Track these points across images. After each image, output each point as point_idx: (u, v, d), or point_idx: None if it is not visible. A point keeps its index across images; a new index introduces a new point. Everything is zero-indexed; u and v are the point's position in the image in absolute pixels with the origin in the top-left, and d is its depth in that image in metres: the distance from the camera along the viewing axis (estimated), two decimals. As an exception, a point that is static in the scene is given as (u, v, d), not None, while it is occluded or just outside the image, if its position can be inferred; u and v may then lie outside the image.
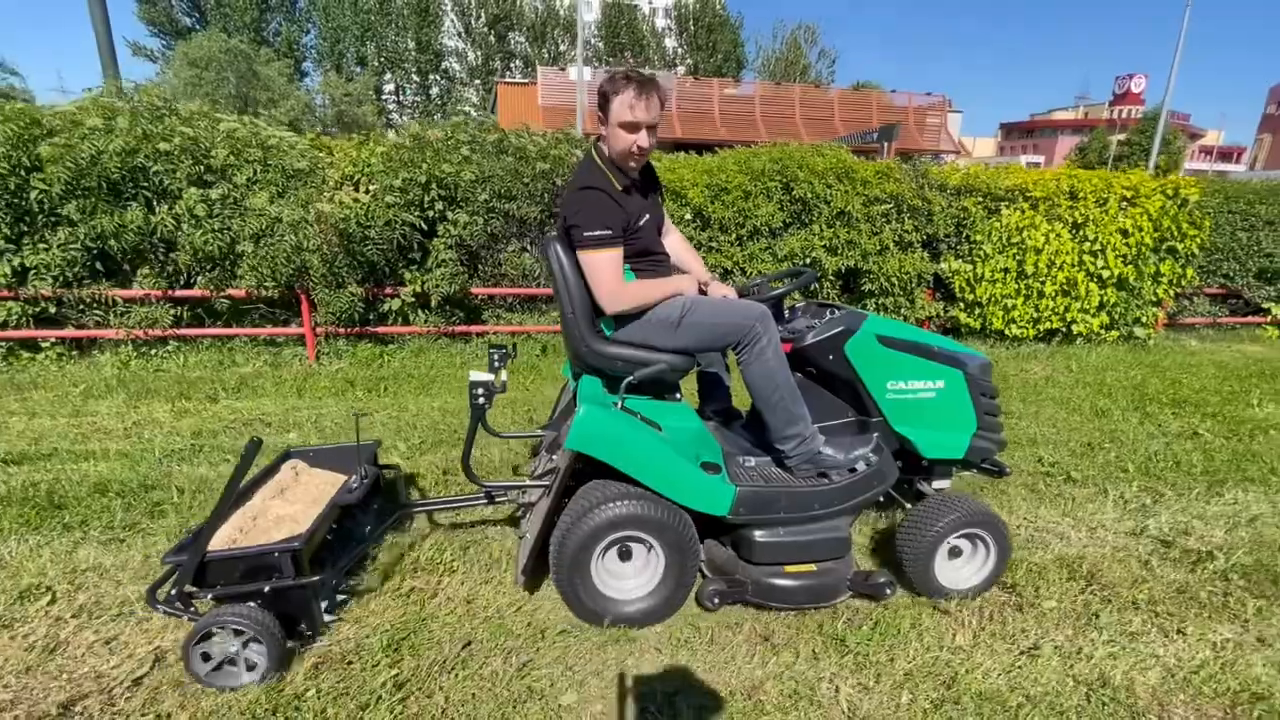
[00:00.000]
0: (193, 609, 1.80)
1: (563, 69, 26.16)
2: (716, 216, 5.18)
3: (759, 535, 2.08)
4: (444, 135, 4.97)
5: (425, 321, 5.15)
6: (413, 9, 45.68)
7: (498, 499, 2.38)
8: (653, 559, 2.05)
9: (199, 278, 4.73)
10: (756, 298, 2.27)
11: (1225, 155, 65.23)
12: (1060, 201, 5.83)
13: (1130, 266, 5.99)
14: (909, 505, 2.41)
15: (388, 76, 46.00)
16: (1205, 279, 6.55)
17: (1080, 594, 2.30)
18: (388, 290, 5.04)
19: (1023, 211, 5.70)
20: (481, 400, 2.08)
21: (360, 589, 2.19)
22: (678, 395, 2.27)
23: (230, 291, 4.78)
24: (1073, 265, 5.92)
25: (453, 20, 48.18)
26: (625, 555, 2.07)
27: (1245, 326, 6.99)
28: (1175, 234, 6.02)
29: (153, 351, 4.84)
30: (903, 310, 5.66)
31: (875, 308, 5.58)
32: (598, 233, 1.90)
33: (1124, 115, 51.96)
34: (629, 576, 2.08)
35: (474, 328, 5.36)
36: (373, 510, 2.46)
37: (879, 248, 5.37)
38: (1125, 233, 5.92)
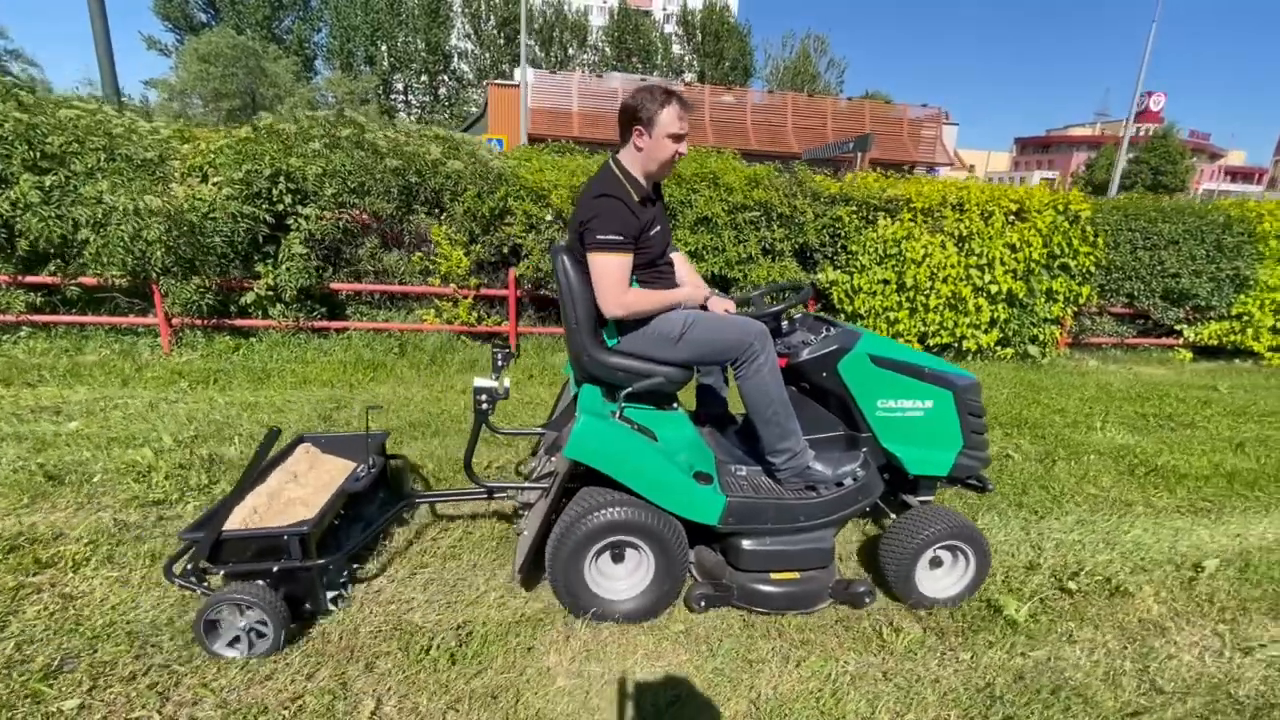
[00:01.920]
0: (205, 584, 1.93)
1: (553, 71, 26.22)
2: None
3: (747, 543, 2.17)
4: (298, 128, 4.97)
5: (281, 316, 5.14)
6: (423, 10, 46.22)
7: (497, 495, 2.47)
8: (644, 562, 2.14)
9: (50, 264, 4.77)
10: (755, 314, 2.36)
11: (1247, 176, 63.83)
12: (945, 214, 5.70)
13: (1020, 282, 5.84)
14: (894, 516, 2.49)
15: (397, 76, 46.60)
16: (1108, 298, 6.36)
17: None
18: (244, 283, 5.05)
19: (900, 222, 5.57)
20: (485, 406, 2.16)
21: (363, 575, 2.31)
22: (675, 404, 2.37)
23: (83, 280, 4.81)
24: (959, 279, 5.78)
25: (462, 22, 48.72)
26: (618, 558, 2.17)
27: (1159, 348, 6.78)
28: (1067, 250, 5.85)
29: (4, 336, 4.88)
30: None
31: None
32: (610, 236, 1.97)
33: (1142, 133, 51.11)
34: (621, 578, 2.17)
35: (334, 324, 5.34)
36: (379, 499, 2.62)
37: (744, 256, 5.28)
38: (1013, 247, 5.77)
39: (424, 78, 48.40)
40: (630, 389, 2.13)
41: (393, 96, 47.52)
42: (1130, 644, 2.19)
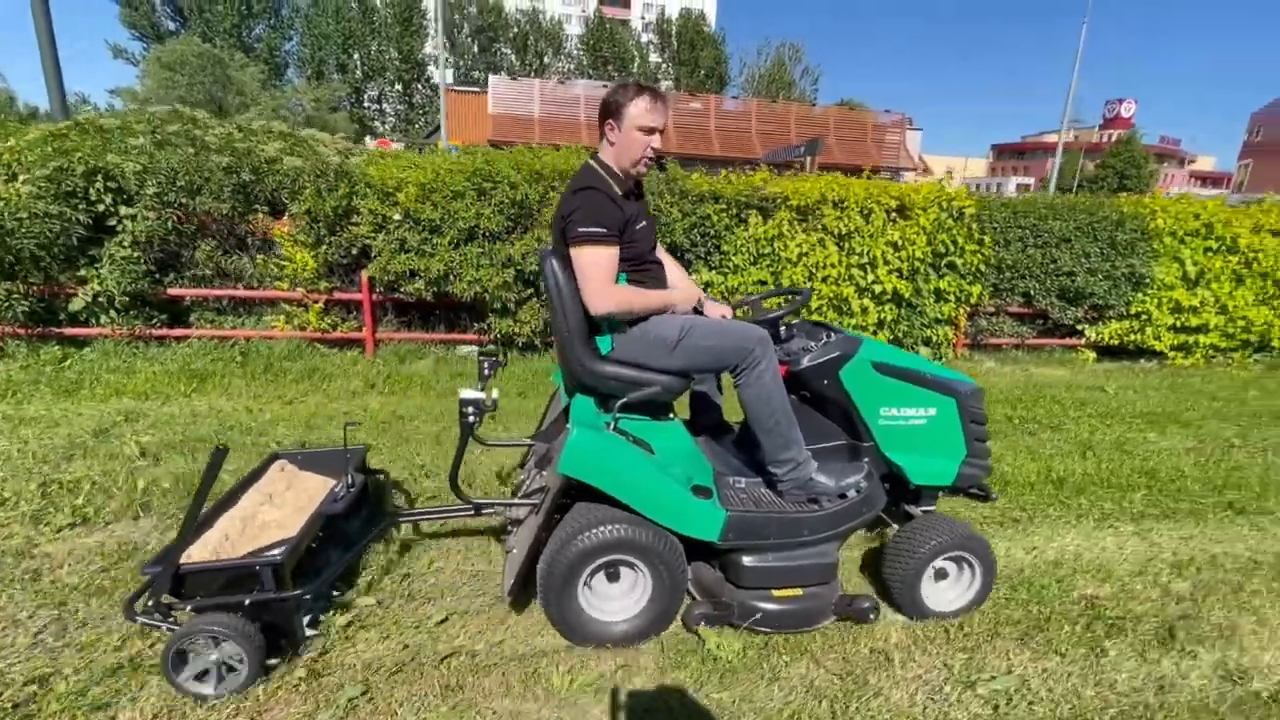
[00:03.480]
0: (172, 619, 1.80)
1: (515, 78, 26.05)
2: (426, 218, 4.87)
3: (748, 559, 2.08)
4: (120, 123, 4.69)
5: (113, 323, 4.83)
6: (396, 18, 46.04)
7: (485, 512, 2.35)
8: (640, 581, 2.05)
9: None
10: (755, 319, 2.29)
11: (1216, 180, 64.81)
12: (825, 211, 5.49)
13: (905, 282, 5.64)
14: (896, 527, 2.43)
15: (371, 85, 46.30)
16: (1004, 297, 6.17)
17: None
18: (68, 289, 4.74)
19: (774, 221, 5.36)
20: (472, 419, 2.04)
21: (344, 601, 2.16)
22: (671, 414, 2.27)
23: (-110, 284, 4.49)
24: (841, 279, 5.57)
25: (436, 30, 48.56)
26: (613, 577, 2.08)
27: (1063, 349, 6.61)
28: (953, 249, 5.66)
29: None
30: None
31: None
32: (593, 229, 1.90)
33: (1109, 139, 51.71)
34: (616, 598, 2.08)
35: (175, 331, 5.04)
36: (361, 517, 2.50)
37: (605, 255, 5.02)
38: (896, 246, 5.58)
39: (398, 86, 48.18)
40: (626, 399, 2.03)
41: (365, 105, 47.26)
42: (842, 680, 1.95)
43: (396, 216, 4.90)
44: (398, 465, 3.32)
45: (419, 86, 48.44)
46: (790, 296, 2.48)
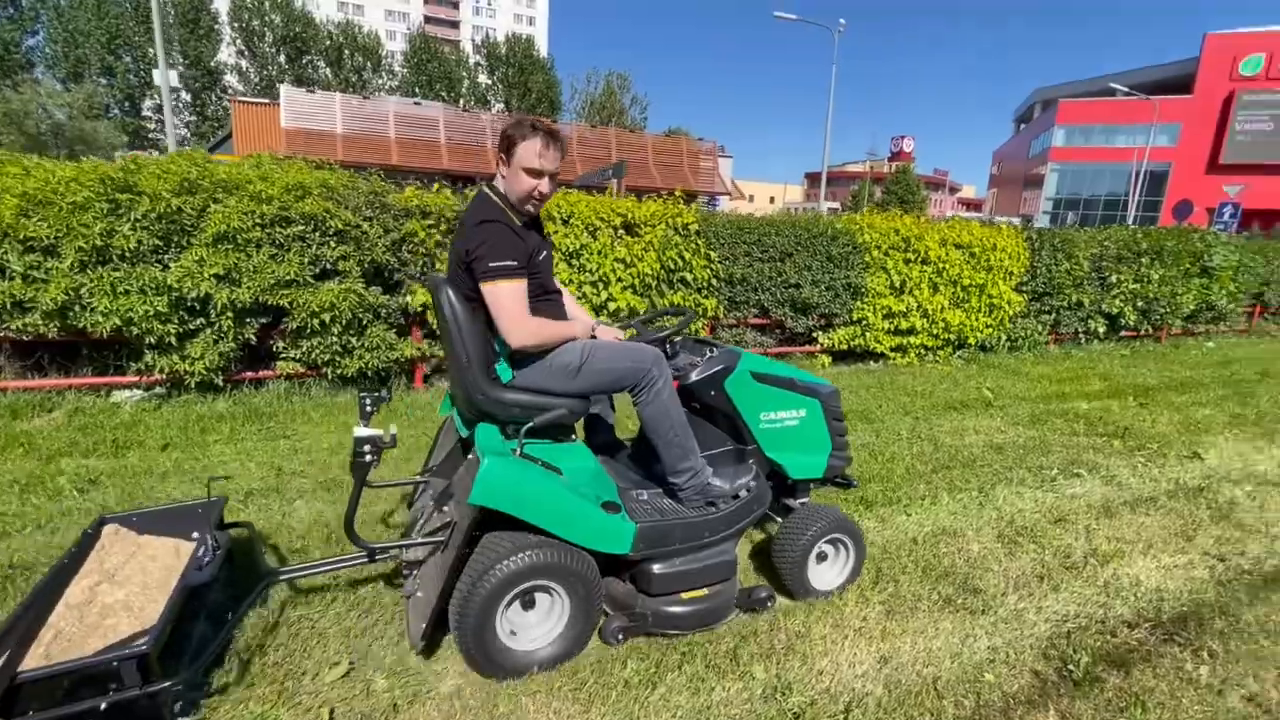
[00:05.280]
0: None
1: (311, 91, 23.98)
2: (38, 237, 3.91)
3: (658, 567, 2.16)
4: None
5: None
6: (180, 20, 40.77)
7: (380, 557, 2.16)
8: (557, 606, 2.04)
9: None
10: (645, 339, 2.40)
11: (976, 205, 77.50)
12: (549, 228, 5.32)
13: (639, 298, 5.64)
14: (779, 520, 2.60)
15: (150, 91, 40.32)
16: (742, 310, 6.45)
17: None
18: None
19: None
20: (369, 459, 1.94)
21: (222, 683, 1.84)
22: (573, 436, 2.32)
23: None
24: (574, 297, 5.41)
25: (233, 37, 43.74)
26: (528, 605, 2.04)
27: (806, 355, 7.06)
28: (682, 264, 5.78)
29: None
30: (357, 353, 4.74)
31: (308, 350, 4.60)
32: (504, 263, 1.91)
33: (893, 169, 59.48)
34: (534, 625, 2.05)
35: None
36: (222, 580, 2.19)
37: (287, 278, 4.40)
38: (626, 263, 5.56)
39: (186, 95, 42.56)
40: (532, 424, 2.05)
41: (145, 115, 41.13)
42: None
43: (-10, 235, 3.89)
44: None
45: (213, 96, 43.20)
46: (675, 316, 2.68)
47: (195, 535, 2.14)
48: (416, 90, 45.88)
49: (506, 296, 1.93)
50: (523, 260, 1.96)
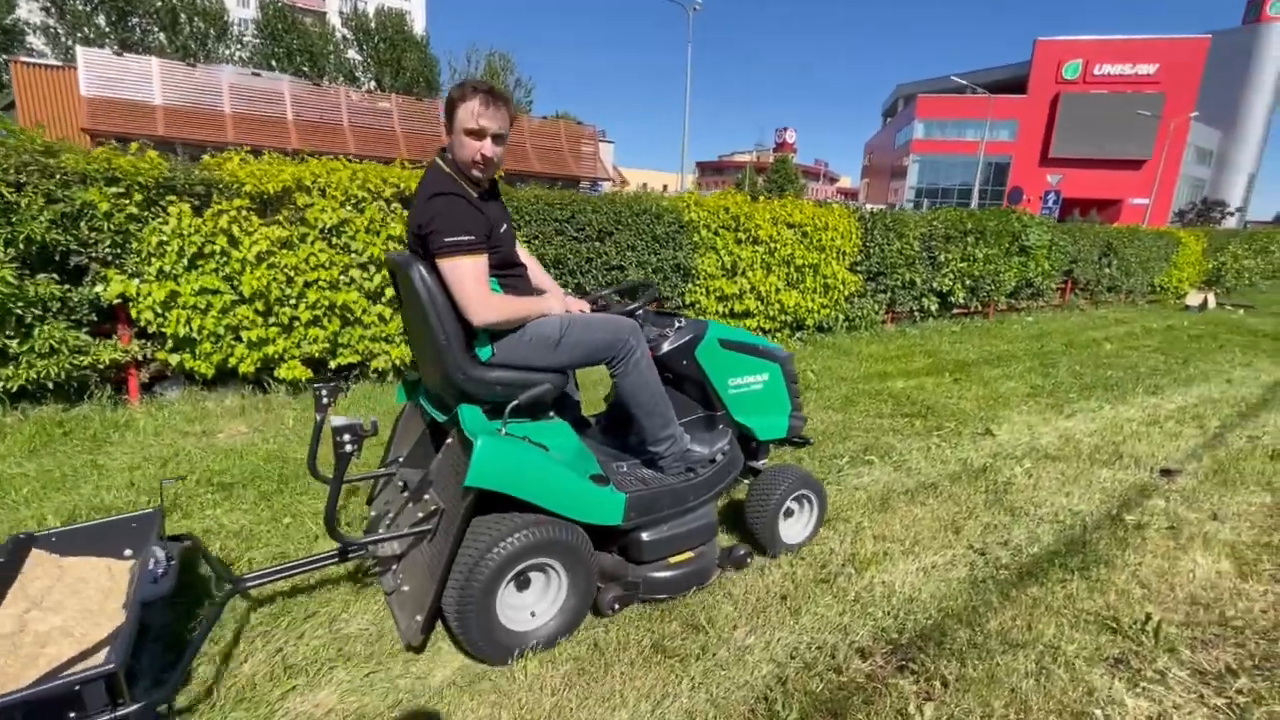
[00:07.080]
0: None
1: (121, 54, 20.70)
2: None
3: (646, 535, 2.19)
4: None
5: None
6: (-42, -34, 34.21)
7: (353, 555, 2.11)
8: (554, 582, 2.04)
9: None
10: (616, 311, 2.39)
11: (852, 194, 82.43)
12: (301, 200, 4.42)
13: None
14: (748, 480, 2.73)
15: (-77, 52, 33.46)
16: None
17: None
18: None
19: (210, 213, 4.10)
20: (350, 447, 1.80)
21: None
22: (551, 414, 2.28)
23: None
24: (337, 282, 4.57)
25: (34, -9, 37.23)
26: (523, 585, 2.03)
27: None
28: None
29: None
30: (24, 360, 3.64)
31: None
32: (460, 238, 1.84)
33: (773, 159, 61.62)
34: (530, 605, 2.04)
35: None
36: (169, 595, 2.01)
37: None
38: (405, 243, 4.76)
39: (-27, 58, 35.86)
40: (516, 401, 2.01)
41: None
42: None
43: None
44: None
45: (4, 59, 36.62)
46: (641, 289, 2.57)
47: (128, 552, 2.02)
48: (273, 65, 41.49)
49: (464, 273, 1.84)
50: (481, 234, 1.87)
